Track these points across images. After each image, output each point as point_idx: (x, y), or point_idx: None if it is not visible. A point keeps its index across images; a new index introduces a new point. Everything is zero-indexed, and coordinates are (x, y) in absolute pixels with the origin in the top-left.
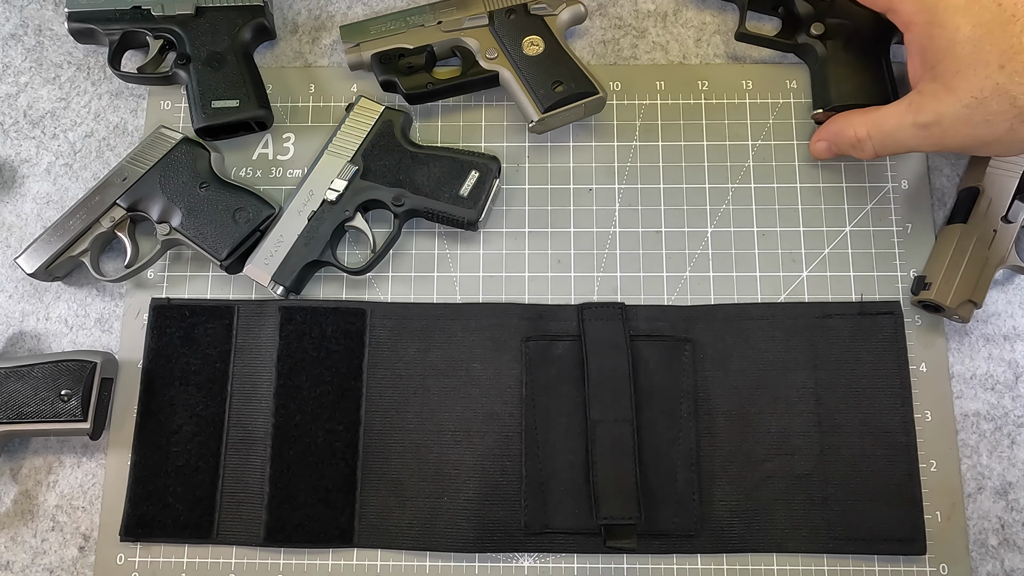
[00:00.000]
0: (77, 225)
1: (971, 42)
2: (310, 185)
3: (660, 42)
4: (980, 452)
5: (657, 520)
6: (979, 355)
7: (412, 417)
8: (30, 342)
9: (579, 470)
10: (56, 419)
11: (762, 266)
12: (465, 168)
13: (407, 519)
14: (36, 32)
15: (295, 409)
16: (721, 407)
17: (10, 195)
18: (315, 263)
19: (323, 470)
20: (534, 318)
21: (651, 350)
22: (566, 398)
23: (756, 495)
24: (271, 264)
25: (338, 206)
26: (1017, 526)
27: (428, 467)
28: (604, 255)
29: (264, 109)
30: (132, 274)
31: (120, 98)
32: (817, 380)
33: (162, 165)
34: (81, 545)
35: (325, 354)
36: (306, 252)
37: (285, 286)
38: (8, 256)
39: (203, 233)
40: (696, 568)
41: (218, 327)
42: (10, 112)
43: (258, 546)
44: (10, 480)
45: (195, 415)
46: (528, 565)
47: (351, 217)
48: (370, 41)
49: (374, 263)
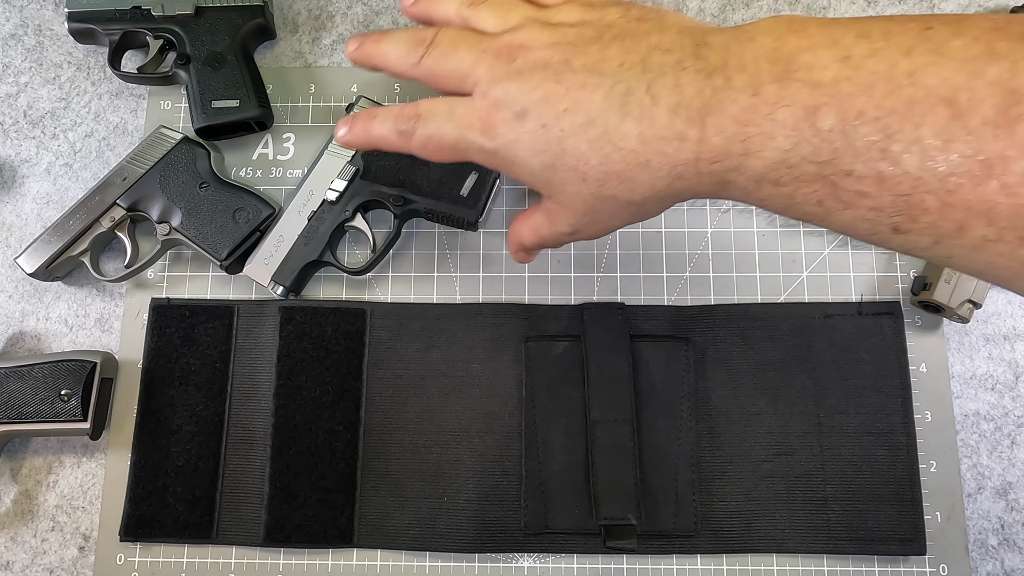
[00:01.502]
0: (77, 225)
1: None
2: (310, 185)
3: None
4: (980, 452)
5: (657, 520)
6: (979, 355)
7: (412, 417)
8: (30, 342)
9: (579, 470)
10: (56, 419)
11: (762, 266)
12: (465, 168)
13: (407, 519)
14: (36, 32)
15: (295, 409)
16: (721, 407)
17: (10, 195)
18: (315, 263)
19: (323, 470)
20: (534, 318)
21: (651, 350)
22: (566, 398)
23: (756, 495)
24: (271, 264)
25: (338, 206)
26: (1017, 526)
27: (428, 467)
28: (604, 255)
29: (264, 109)
30: (132, 274)
31: (120, 98)
32: (817, 380)
33: (162, 165)
34: (81, 545)
35: (325, 354)
36: (306, 252)
37: (285, 286)
38: (8, 256)
39: (203, 233)
40: (696, 568)
41: (218, 327)
42: (10, 112)
43: (258, 546)
44: (10, 480)
45: (195, 415)
46: (528, 565)
47: (351, 217)
48: None
49: (374, 263)
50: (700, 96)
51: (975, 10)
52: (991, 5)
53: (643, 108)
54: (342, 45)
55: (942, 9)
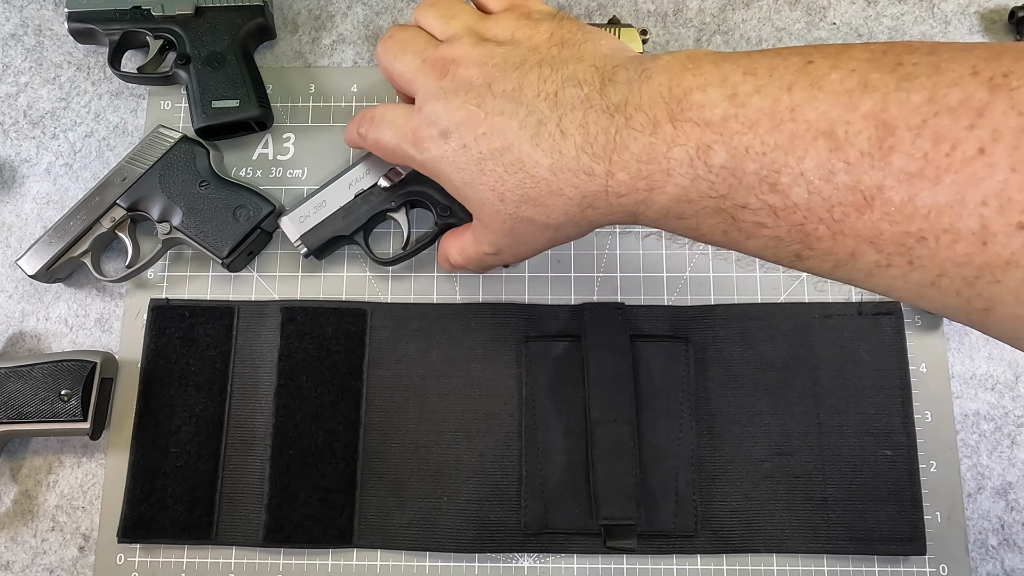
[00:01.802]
0: (77, 226)
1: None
2: (368, 163)
3: (660, 42)
4: (980, 452)
5: (657, 520)
6: (979, 355)
7: (412, 417)
8: (30, 342)
9: (579, 470)
10: (56, 419)
11: (762, 266)
12: None
13: (407, 519)
14: (36, 32)
15: (295, 409)
16: (721, 407)
17: (10, 195)
18: (345, 238)
19: (323, 470)
20: (534, 318)
21: (651, 350)
22: (566, 398)
23: (756, 495)
24: (305, 224)
25: (387, 193)
26: (1017, 526)
27: (428, 467)
28: (604, 255)
29: (264, 109)
30: (133, 274)
31: (120, 98)
32: (817, 380)
33: (161, 164)
34: (81, 545)
35: (325, 354)
36: (341, 225)
37: (309, 248)
38: (8, 256)
39: (204, 231)
40: (696, 568)
41: (218, 327)
42: (10, 112)
43: (257, 546)
44: (10, 480)
45: (194, 415)
46: (528, 565)
47: (395, 208)
48: None
49: (402, 259)
50: (604, 134)
51: (975, 10)
52: (991, 5)
53: (554, 141)
54: (342, 45)
55: (942, 9)
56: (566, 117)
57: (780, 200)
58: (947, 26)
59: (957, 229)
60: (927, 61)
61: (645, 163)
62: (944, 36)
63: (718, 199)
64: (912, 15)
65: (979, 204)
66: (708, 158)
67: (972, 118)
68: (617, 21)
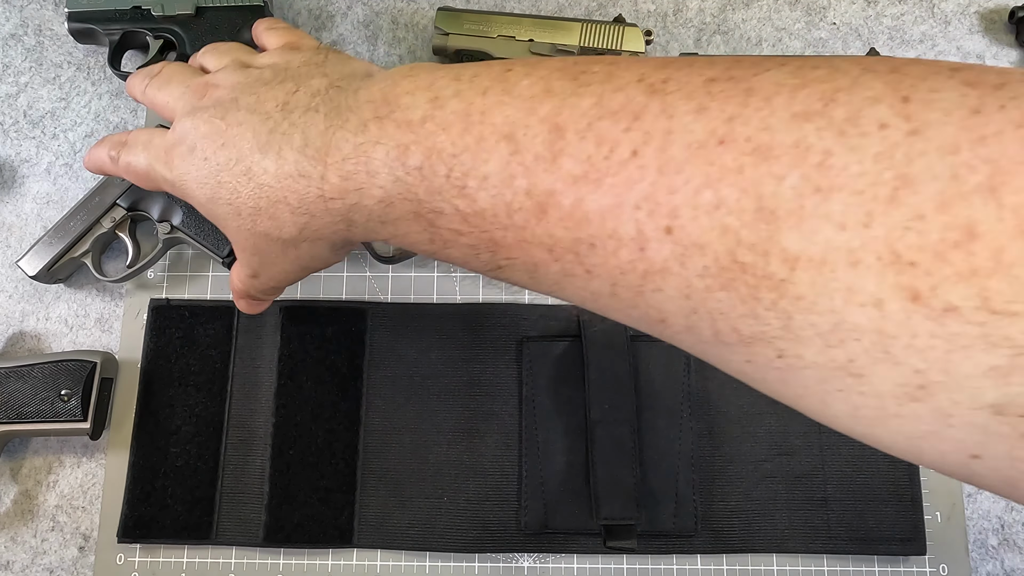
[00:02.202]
0: (78, 226)
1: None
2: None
3: (660, 42)
4: None
5: (657, 520)
6: None
7: (412, 417)
8: (30, 342)
9: (579, 470)
10: (56, 419)
11: None
12: None
13: (407, 519)
14: (36, 32)
15: (295, 409)
16: (721, 407)
17: (10, 195)
18: None
19: (323, 470)
20: (534, 318)
21: (651, 350)
22: (566, 398)
23: (756, 495)
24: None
25: None
26: (1017, 526)
27: (428, 467)
28: None
29: None
30: (134, 274)
31: (120, 98)
32: None
33: None
34: (81, 545)
35: (326, 354)
36: None
37: None
38: (8, 256)
39: (204, 231)
40: (696, 568)
41: (218, 327)
42: (10, 112)
43: (257, 546)
44: (10, 480)
45: (194, 415)
46: (528, 565)
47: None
48: (459, 36)
49: (405, 257)
50: (322, 137)
51: (975, 10)
52: (991, 5)
53: (279, 147)
54: (342, 45)
55: (942, 9)
56: (292, 123)
57: (468, 205)
58: (947, 26)
59: (619, 235)
60: (606, 70)
61: (352, 163)
62: (944, 36)
63: (415, 203)
64: (912, 15)
65: (634, 208)
66: (406, 159)
67: (629, 121)
68: (622, 20)
